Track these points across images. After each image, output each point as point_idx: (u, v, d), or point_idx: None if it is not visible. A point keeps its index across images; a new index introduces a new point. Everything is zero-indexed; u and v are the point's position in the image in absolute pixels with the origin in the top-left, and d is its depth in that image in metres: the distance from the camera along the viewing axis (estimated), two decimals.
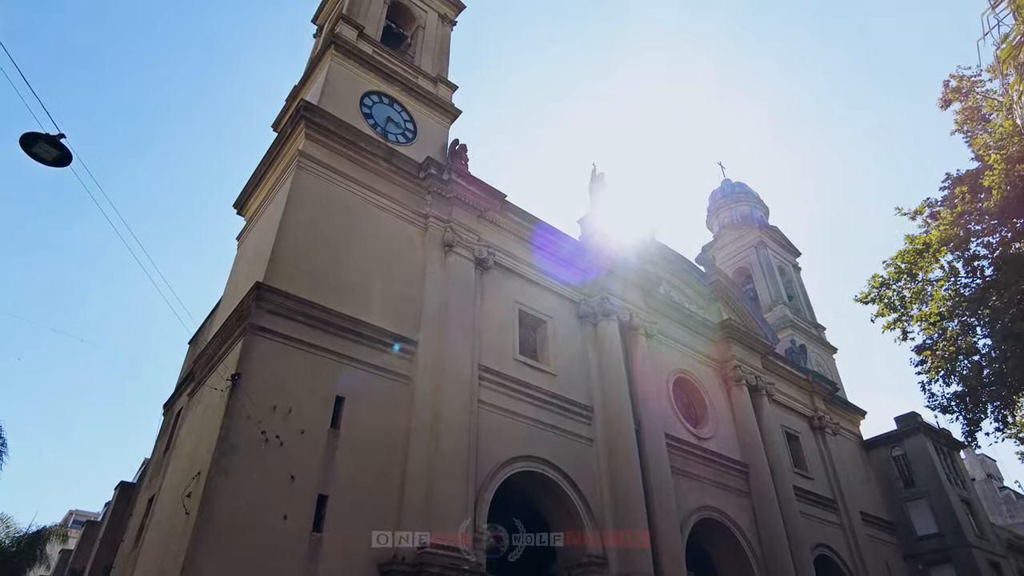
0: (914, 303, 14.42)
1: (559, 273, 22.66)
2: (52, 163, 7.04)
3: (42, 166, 6.97)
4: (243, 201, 21.23)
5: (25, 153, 6.81)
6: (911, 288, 14.26)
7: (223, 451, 12.42)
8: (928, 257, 14.10)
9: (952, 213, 14.09)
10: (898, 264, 14.50)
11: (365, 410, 14.94)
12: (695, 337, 27.51)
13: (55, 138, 6.91)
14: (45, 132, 6.78)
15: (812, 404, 32.74)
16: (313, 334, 14.95)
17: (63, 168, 7.13)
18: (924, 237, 14.44)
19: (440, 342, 17.09)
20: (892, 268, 14.63)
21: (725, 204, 49.53)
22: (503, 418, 17.71)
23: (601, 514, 18.20)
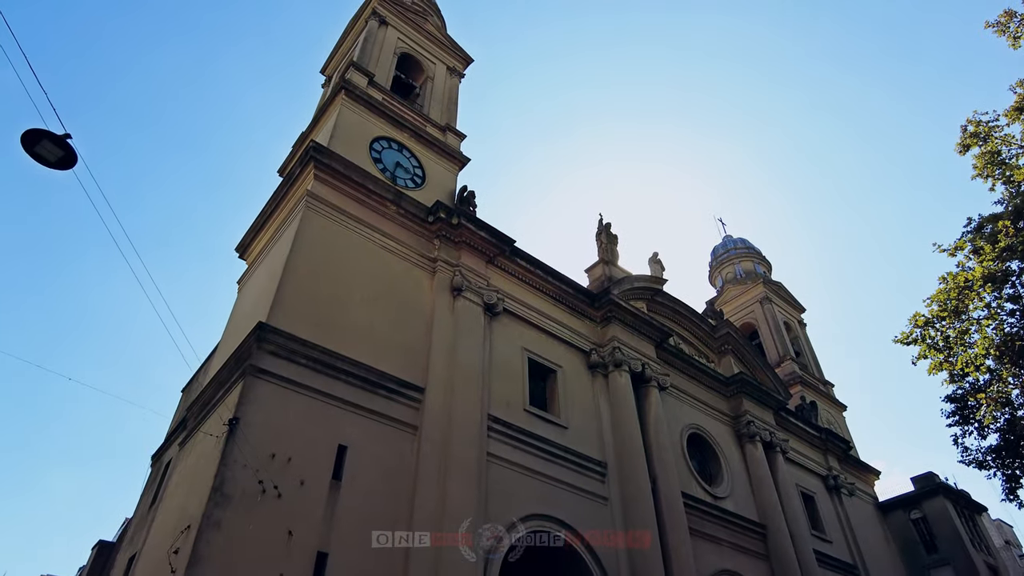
0: (959, 344, 13.69)
1: (569, 321, 22.05)
2: (55, 165, 6.47)
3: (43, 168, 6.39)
4: (246, 244, 20.73)
5: (26, 152, 6.24)
6: (956, 327, 13.55)
7: (216, 502, 11.42)
8: (971, 295, 13.48)
9: (995, 249, 13.58)
10: (942, 301, 13.78)
11: (369, 461, 13.98)
12: (707, 392, 26.63)
13: (61, 137, 6.35)
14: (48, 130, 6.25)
15: (826, 463, 31.58)
16: (316, 378, 14.14)
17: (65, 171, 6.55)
18: (965, 274, 13.86)
19: (449, 390, 16.26)
20: (935, 306, 13.92)
21: (727, 259, 49.40)
22: (513, 473, 16.69)
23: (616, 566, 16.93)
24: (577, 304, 22.48)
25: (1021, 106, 15.91)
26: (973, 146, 16.51)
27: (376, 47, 24.98)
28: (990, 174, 16.47)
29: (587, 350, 21.93)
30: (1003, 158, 16.35)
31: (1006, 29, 15.00)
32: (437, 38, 28.22)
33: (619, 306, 22.95)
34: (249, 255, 20.46)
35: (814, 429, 31.67)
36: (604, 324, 22.92)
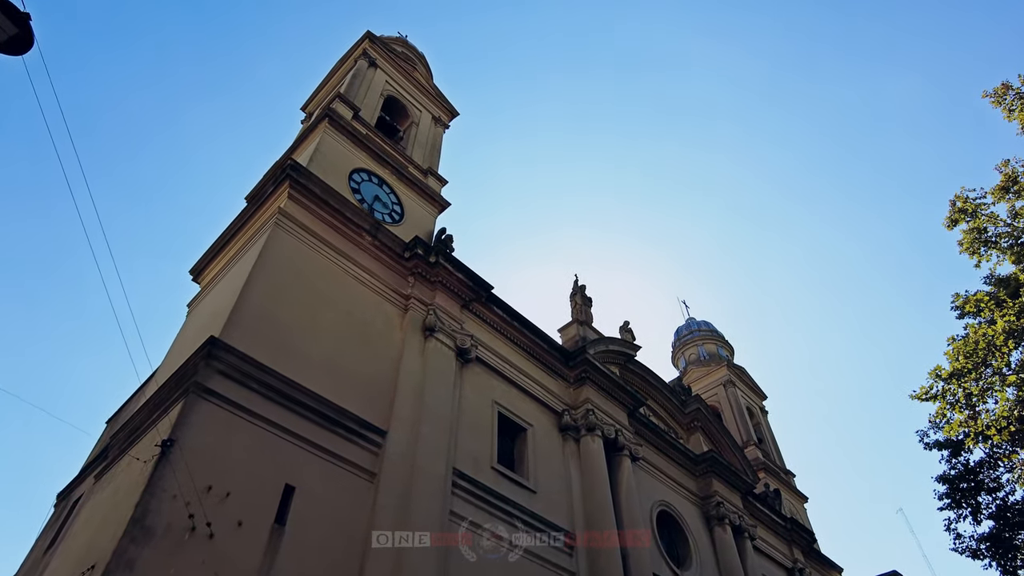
0: (981, 402, 12.97)
1: (542, 379, 20.82)
2: (5, 48, 5.13)
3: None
4: (201, 267, 19.14)
5: None
6: (978, 384, 12.83)
7: (134, 536, 9.48)
8: (995, 352, 12.86)
9: (1016, 304, 13.12)
10: (969, 351, 13.04)
11: (319, 507, 12.17)
12: (676, 468, 25.35)
13: (16, 10, 5.05)
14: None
15: (791, 554, 30.20)
16: (269, 407, 12.46)
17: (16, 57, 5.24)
18: (986, 329, 13.30)
19: (413, 437, 14.67)
20: (961, 357, 13.19)
21: (691, 341, 49.26)
22: (477, 537, 14.90)
23: None
24: (551, 361, 21.34)
25: (1006, 186, 16.08)
26: (961, 222, 16.53)
27: (364, 86, 24.56)
28: (975, 251, 16.42)
29: (559, 411, 20.62)
30: (989, 236, 16.35)
31: (1002, 101, 15.35)
32: (424, 87, 28.09)
33: (594, 367, 21.88)
34: (204, 278, 18.83)
35: (780, 518, 30.45)
36: (578, 385, 21.75)
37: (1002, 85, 15.29)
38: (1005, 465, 15.90)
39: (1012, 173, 16.10)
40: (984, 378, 12.59)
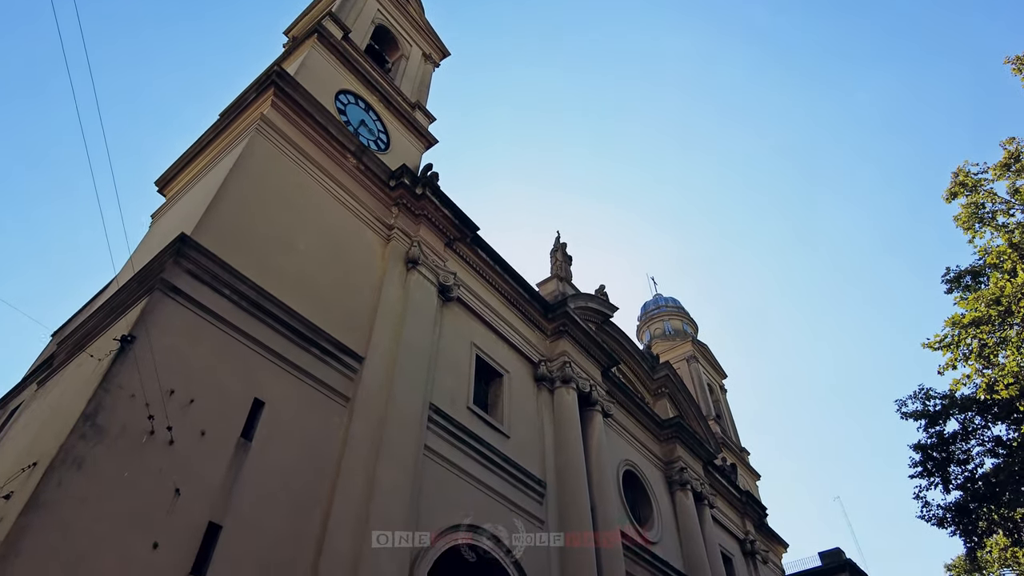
0: (994, 355, 12.81)
1: (520, 327, 20.20)
2: None
3: None
4: (169, 178, 17.78)
5: None
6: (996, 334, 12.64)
7: (84, 434, 8.51)
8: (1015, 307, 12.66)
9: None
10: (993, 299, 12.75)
11: (289, 426, 11.34)
12: (642, 431, 25.23)
13: None
14: None
15: (744, 527, 30.66)
16: (239, 316, 11.50)
17: None
18: (992, 291, 13.08)
19: (391, 366, 13.90)
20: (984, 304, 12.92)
21: (658, 316, 49.38)
22: (450, 475, 14.32)
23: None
24: (530, 311, 20.71)
25: (1008, 163, 15.92)
26: (960, 195, 16.37)
27: (354, 11, 23.10)
28: (971, 227, 16.30)
29: (536, 361, 20.07)
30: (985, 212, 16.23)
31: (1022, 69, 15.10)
32: (416, 21, 26.70)
33: (574, 321, 21.36)
34: (171, 189, 17.50)
35: (736, 490, 30.82)
36: (555, 338, 21.22)
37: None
38: (977, 438, 16.03)
39: (1016, 151, 15.94)
40: (1002, 329, 12.42)
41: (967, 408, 16.14)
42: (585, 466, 18.56)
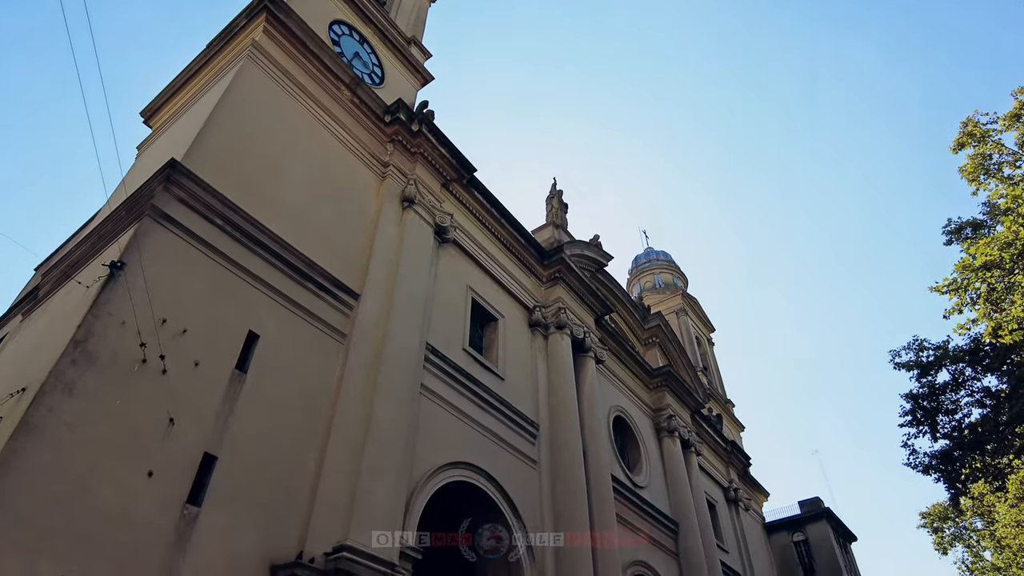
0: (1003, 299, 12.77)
1: (515, 273, 19.97)
2: None
3: None
4: (156, 108, 17.05)
5: None
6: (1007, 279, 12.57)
7: (74, 359, 8.26)
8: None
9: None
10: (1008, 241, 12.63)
11: (284, 360, 11.15)
12: (633, 378, 25.41)
13: None
14: None
15: (728, 475, 31.34)
16: (232, 246, 11.15)
17: None
18: (1006, 235, 12.96)
19: (387, 304, 13.67)
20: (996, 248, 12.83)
21: (648, 269, 49.35)
22: (446, 414, 14.30)
23: (542, 555, 14.88)
24: (526, 257, 20.46)
25: (1018, 113, 15.62)
26: (967, 146, 16.11)
27: None
28: (975, 178, 16.09)
29: (531, 307, 19.94)
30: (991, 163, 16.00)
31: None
32: None
33: (569, 268, 21.16)
34: (158, 119, 16.81)
35: (722, 439, 31.37)
36: (551, 284, 21.05)
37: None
38: (967, 389, 16.22)
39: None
40: (1012, 274, 12.34)
41: (959, 360, 16.29)
42: (577, 410, 18.65)
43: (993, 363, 14.85)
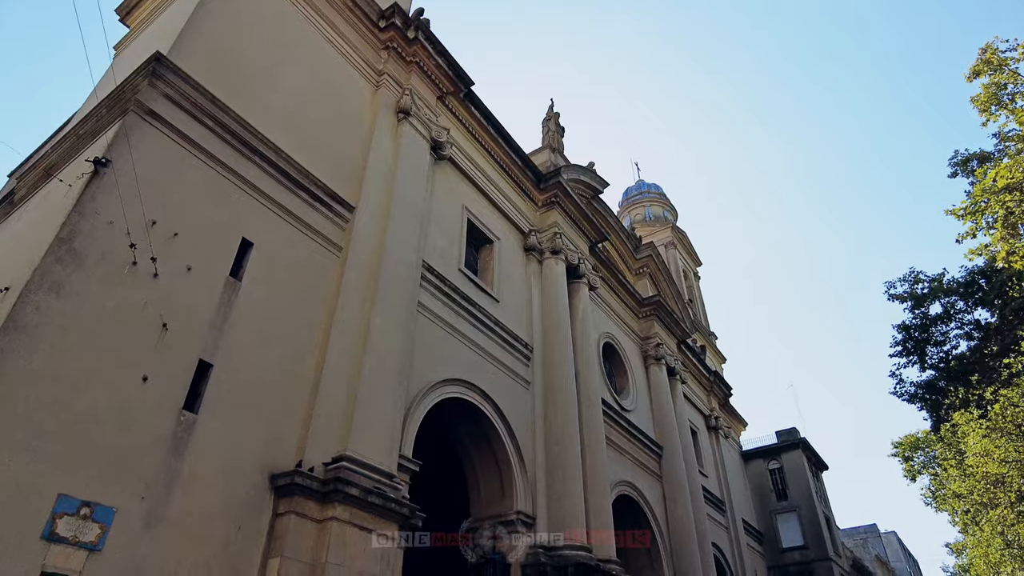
0: (1021, 222, 12.68)
1: (511, 195, 19.50)
2: None
3: None
4: (133, 5, 15.86)
5: None
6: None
7: (60, 257, 7.84)
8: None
9: None
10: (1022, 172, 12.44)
11: (279, 269, 10.79)
12: (623, 306, 25.45)
13: None
14: None
15: (709, 404, 32.05)
16: (222, 148, 10.57)
17: None
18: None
19: (383, 218, 13.24)
20: (1019, 170, 12.61)
21: (639, 201, 48.95)
22: (442, 332, 14.16)
23: (533, 468, 15.14)
24: (522, 180, 19.94)
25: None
26: (983, 74, 15.62)
27: None
28: (987, 109, 15.69)
29: (526, 231, 19.60)
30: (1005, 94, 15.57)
31: None
32: None
33: (566, 193, 20.70)
34: (135, 17, 15.67)
35: (705, 369, 31.90)
36: (546, 209, 20.64)
37: None
38: (957, 321, 16.37)
39: None
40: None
41: (952, 292, 16.37)
42: (571, 334, 18.64)
43: (987, 296, 14.93)
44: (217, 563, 8.17)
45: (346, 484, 9.20)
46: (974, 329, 15.98)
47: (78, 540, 6.99)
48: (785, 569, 31.40)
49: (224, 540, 8.35)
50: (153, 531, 7.67)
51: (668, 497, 21.93)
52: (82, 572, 6.92)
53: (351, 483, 9.29)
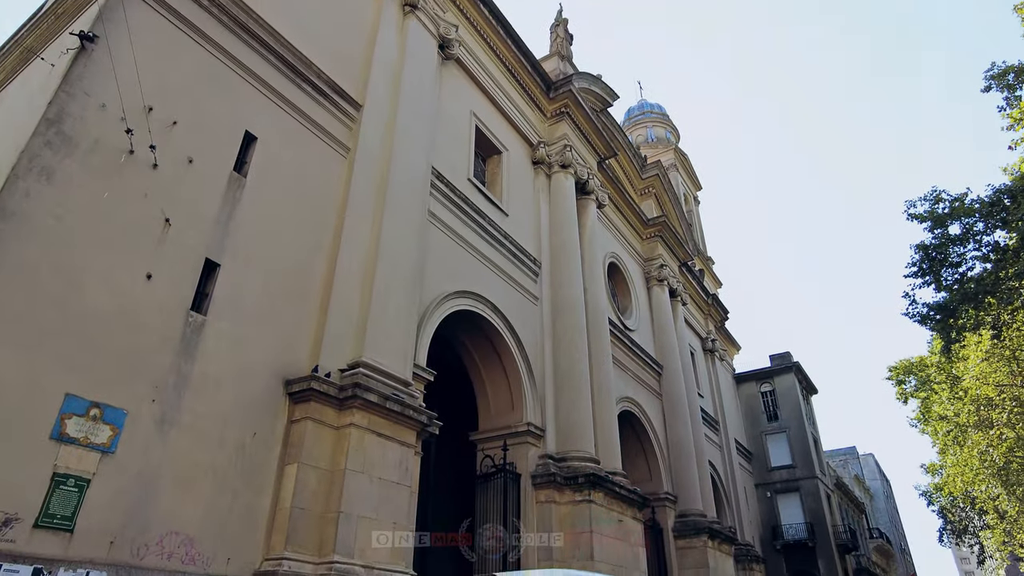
0: None
1: (520, 104, 18.50)
2: None
3: None
4: None
5: None
6: None
7: (49, 140, 7.11)
8: None
9: None
10: None
11: (285, 167, 10.08)
12: (627, 227, 24.92)
13: None
14: None
15: (706, 326, 32.13)
16: (221, 32, 9.62)
17: None
18: None
19: (391, 118, 12.41)
20: None
21: (642, 121, 47.48)
22: (451, 243, 13.61)
23: (542, 382, 14.99)
24: (531, 88, 18.87)
25: None
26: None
27: None
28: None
29: (534, 142, 18.74)
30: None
31: None
32: None
33: (577, 103, 19.69)
34: None
35: (704, 292, 31.78)
36: (555, 120, 19.68)
37: None
38: (975, 242, 16.02)
39: None
40: None
41: (973, 213, 15.94)
42: (579, 251, 18.16)
43: (1011, 215, 14.53)
44: (233, 469, 7.90)
45: (364, 390, 8.87)
46: (992, 251, 15.68)
47: (89, 442, 6.64)
48: (772, 486, 32.43)
49: (239, 445, 8.06)
50: (166, 435, 7.34)
51: (667, 414, 22.15)
52: (96, 474, 6.61)
53: (370, 389, 8.96)
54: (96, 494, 6.56)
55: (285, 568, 7.58)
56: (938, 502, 32.53)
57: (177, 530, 7.17)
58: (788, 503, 32.02)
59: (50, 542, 6.11)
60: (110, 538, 6.57)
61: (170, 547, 7.05)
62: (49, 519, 6.15)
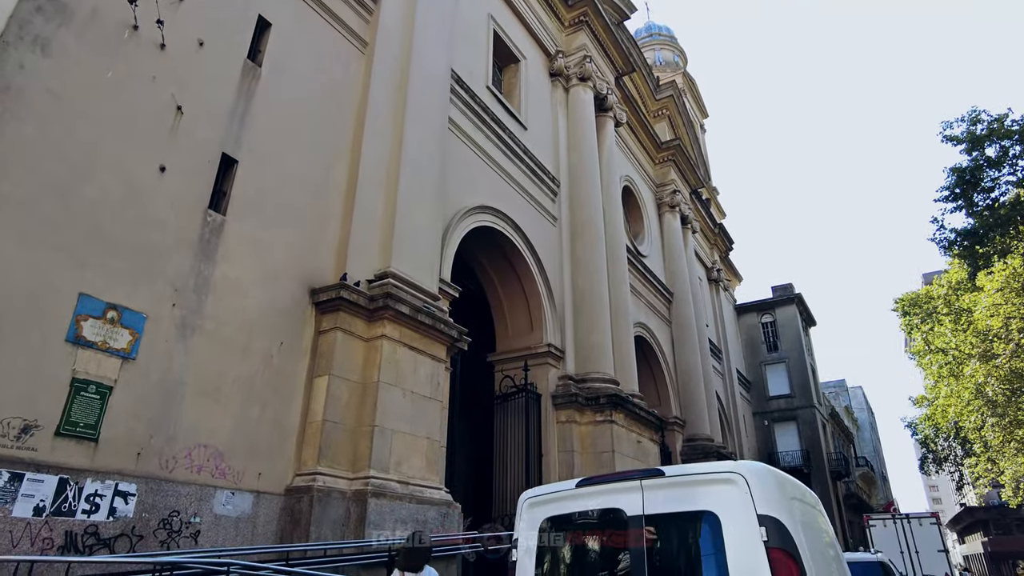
0: None
1: (537, 10, 17.24)
2: None
3: None
4: None
5: None
6: None
7: (40, 6, 6.19)
8: None
9: None
10: None
11: (302, 59, 9.14)
12: (641, 150, 24.00)
13: None
14: None
15: (712, 256, 31.70)
16: None
17: None
18: None
19: (410, 14, 11.33)
20: None
21: (649, 44, 45.46)
22: (471, 154, 12.79)
23: (561, 303, 14.52)
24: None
25: None
26: None
27: None
28: None
29: (553, 52, 17.57)
30: None
31: None
32: None
33: (596, 11, 18.41)
34: None
35: (711, 221, 31.19)
36: (574, 30, 18.44)
37: None
38: (1011, 167, 15.40)
39: None
40: None
41: (1011, 135, 15.24)
42: (598, 170, 17.37)
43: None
44: (260, 380, 7.40)
45: (397, 300, 8.32)
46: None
47: (108, 346, 6.06)
48: (769, 415, 32.86)
49: (266, 355, 7.53)
50: (188, 341, 6.78)
51: (676, 340, 21.94)
52: (118, 381, 6.06)
53: (401, 300, 8.41)
54: (119, 402, 6.04)
55: (320, 483, 7.20)
56: (923, 432, 33.23)
57: (205, 443, 6.72)
58: (785, 431, 32.53)
59: (74, 451, 5.63)
60: (136, 449, 6.10)
61: (199, 460, 6.61)
62: (72, 427, 5.64)
